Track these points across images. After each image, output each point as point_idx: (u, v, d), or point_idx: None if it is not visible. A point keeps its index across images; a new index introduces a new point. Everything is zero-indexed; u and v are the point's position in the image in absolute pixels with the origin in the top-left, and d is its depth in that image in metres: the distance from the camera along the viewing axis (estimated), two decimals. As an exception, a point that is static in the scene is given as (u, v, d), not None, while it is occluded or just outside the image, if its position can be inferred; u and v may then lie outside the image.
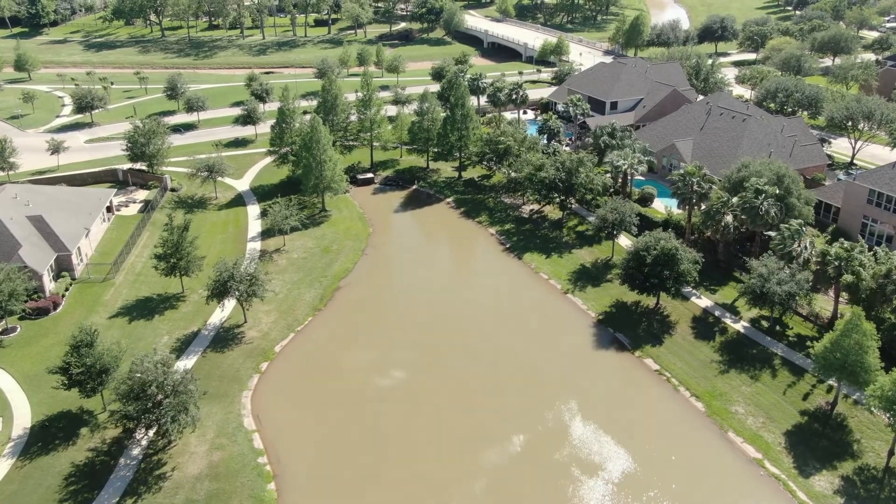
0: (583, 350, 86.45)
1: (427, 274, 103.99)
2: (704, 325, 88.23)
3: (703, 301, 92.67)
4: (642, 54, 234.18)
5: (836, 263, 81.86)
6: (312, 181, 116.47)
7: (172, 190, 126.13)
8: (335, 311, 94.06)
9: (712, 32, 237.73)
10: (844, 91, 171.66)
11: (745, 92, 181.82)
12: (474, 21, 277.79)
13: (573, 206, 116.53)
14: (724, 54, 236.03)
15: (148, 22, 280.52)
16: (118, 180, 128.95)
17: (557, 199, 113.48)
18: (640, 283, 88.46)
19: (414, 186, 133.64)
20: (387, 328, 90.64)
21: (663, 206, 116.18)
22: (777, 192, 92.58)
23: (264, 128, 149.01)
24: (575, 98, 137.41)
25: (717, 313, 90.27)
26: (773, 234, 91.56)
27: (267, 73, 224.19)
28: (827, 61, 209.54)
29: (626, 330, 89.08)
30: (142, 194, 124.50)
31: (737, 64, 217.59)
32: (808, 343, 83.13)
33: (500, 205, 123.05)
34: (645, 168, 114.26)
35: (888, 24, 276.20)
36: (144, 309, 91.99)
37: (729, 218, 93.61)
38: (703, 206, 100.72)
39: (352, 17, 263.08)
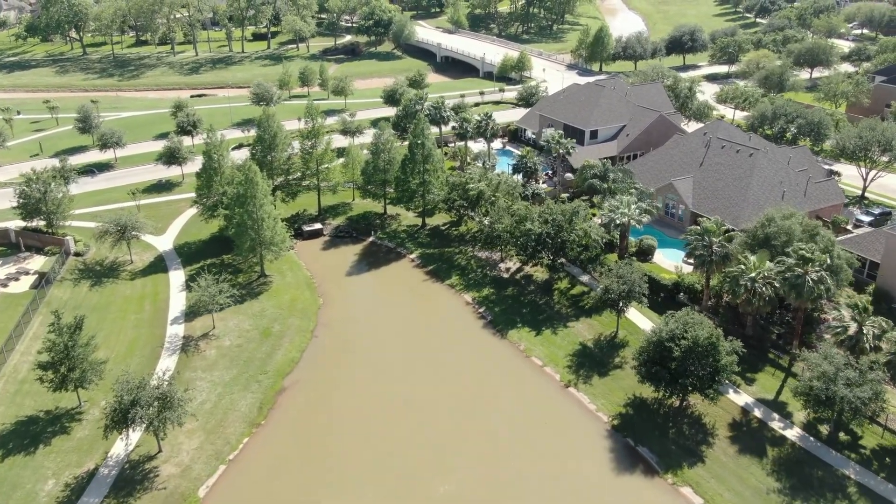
0: (600, 475, 67.45)
1: (393, 366, 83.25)
2: (749, 433, 70.15)
3: (741, 396, 74.65)
4: (608, 68, 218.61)
5: (916, 357, 64.87)
6: (248, 243, 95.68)
7: (77, 254, 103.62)
8: (279, 427, 73.36)
9: (681, 44, 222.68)
10: (833, 109, 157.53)
11: (728, 111, 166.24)
12: (425, 33, 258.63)
13: (563, 263, 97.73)
14: (694, 66, 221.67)
15: (67, 39, 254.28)
16: (10, 243, 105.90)
17: (546, 261, 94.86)
18: (668, 382, 70.05)
19: (370, 238, 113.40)
20: (346, 451, 70.32)
21: (670, 262, 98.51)
22: (828, 261, 75.16)
23: (193, 167, 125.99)
24: (557, 135, 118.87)
25: (760, 414, 72.32)
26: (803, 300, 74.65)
27: (199, 95, 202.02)
28: (804, 74, 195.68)
29: (651, 441, 70.51)
30: (37, 262, 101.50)
31: (709, 78, 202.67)
32: (886, 459, 65.78)
33: (473, 262, 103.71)
34: (648, 220, 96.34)
35: (855, 31, 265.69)
36: (25, 436, 70.07)
37: (768, 290, 75.74)
38: (727, 269, 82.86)
39: (293, 31, 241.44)
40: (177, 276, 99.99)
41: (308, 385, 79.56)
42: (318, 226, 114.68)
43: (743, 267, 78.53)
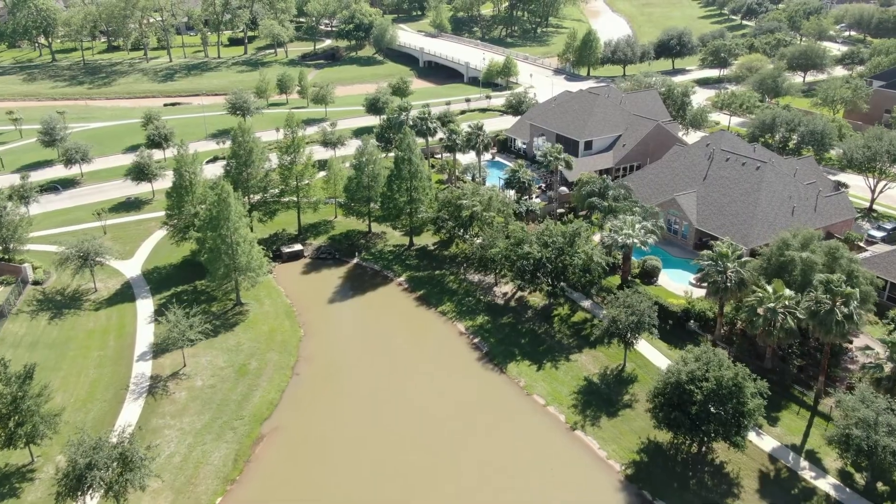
0: (615, 534, 60.87)
1: (382, 407, 75.60)
2: (778, 485, 63.60)
3: (766, 440, 68.09)
4: (595, 73, 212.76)
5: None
6: (222, 269, 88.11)
7: (35, 283, 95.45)
8: (256, 482, 65.82)
9: (669, 48, 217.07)
10: (833, 115, 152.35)
11: (722, 118, 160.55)
12: (407, 37, 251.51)
13: (563, 288, 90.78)
14: (683, 71, 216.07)
15: (36, 45, 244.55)
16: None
17: (546, 287, 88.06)
18: (688, 429, 63.38)
19: (355, 260, 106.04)
20: (332, 507, 63.30)
21: (676, 285, 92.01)
22: (858, 295, 68.76)
23: (165, 183, 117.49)
24: (556, 149, 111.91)
25: (788, 461, 65.81)
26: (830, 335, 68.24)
27: (173, 103, 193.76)
28: (796, 78, 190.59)
29: (670, 494, 63.72)
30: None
31: (700, 82, 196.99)
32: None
33: (465, 285, 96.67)
34: (654, 240, 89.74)
35: (843, 34, 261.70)
36: (-31, 501, 62.49)
37: (790, 321, 69.35)
38: (743, 298, 76.52)
39: (271, 36, 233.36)
40: (145, 306, 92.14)
41: (289, 431, 72.05)
42: (298, 247, 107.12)
43: (761, 295, 72.15)
